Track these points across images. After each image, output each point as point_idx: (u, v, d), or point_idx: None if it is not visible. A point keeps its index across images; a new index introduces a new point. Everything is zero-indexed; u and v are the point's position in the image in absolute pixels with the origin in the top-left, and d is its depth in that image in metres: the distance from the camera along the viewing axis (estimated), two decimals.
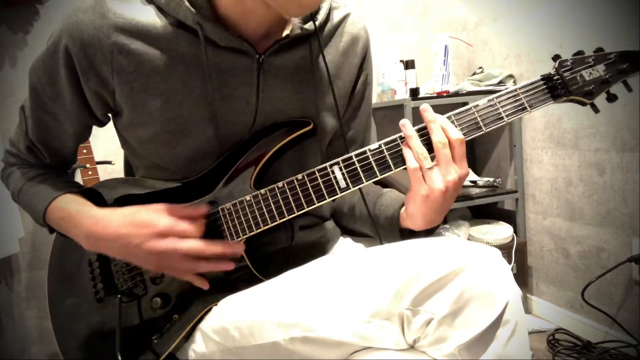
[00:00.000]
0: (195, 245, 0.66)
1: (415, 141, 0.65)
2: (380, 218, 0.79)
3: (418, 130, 0.66)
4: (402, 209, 0.76)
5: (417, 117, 1.92)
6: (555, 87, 0.68)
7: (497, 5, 2.07)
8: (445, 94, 1.90)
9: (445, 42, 1.90)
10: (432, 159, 0.65)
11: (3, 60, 1.71)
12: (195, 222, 0.68)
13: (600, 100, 0.70)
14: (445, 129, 0.64)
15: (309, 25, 0.74)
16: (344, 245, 0.90)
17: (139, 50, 0.68)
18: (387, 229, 0.78)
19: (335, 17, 0.80)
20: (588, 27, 1.64)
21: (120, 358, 0.71)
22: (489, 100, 0.67)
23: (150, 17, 0.69)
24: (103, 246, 0.70)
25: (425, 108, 0.65)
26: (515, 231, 1.98)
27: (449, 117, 0.66)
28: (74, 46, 0.68)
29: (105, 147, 1.79)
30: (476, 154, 2.30)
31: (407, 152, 0.65)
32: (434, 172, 0.64)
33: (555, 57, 0.69)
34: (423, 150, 0.64)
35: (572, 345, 1.70)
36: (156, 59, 0.69)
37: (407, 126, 0.66)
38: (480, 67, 2.06)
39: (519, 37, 1.96)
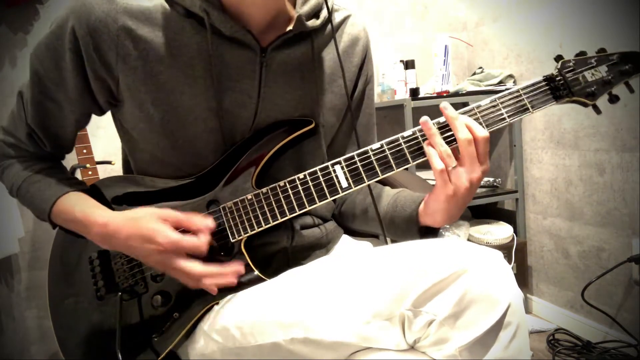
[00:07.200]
0: (198, 269, 0.66)
1: (439, 139, 0.64)
2: (397, 219, 0.78)
3: (437, 127, 0.65)
4: (420, 207, 0.75)
5: (416, 117, 1.91)
6: (558, 88, 0.67)
7: (497, 5, 2.06)
8: (445, 94, 1.90)
9: (445, 42, 1.90)
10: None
11: (3, 60, 1.71)
12: (201, 234, 0.67)
13: (601, 100, 0.70)
14: (470, 127, 0.63)
15: (312, 22, 0.74)
16: (345, 246, 0.90)
17: (145, 37, 0.68)
18: (405, 229, 0.77)
19: (337, 18, 0.82)
20: (588, 27, 1.64)
21: (120, 356, 0.71)
22: (491, 101, 0.67)
23: (158, 5, 0.69)
24: (114, 245, 0.71)
25: (446, 106, 0.64)
26: (515, 231, 1.98)
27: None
28: (80, 29, 0.67)
29: (105, 147, 1.79)
30: None
31: (431, 152, 0.65)
32: (459, 171, 0.64)
33: (558, 58, 0.69)
34: (447, 149, 0.64)
35: (572, 345, 1.70)
36: (161, 47, 0.69)
37: (429, 124, 0.65)
38: (480, 67, 2.07)
39: (519, 37, 1.96)
